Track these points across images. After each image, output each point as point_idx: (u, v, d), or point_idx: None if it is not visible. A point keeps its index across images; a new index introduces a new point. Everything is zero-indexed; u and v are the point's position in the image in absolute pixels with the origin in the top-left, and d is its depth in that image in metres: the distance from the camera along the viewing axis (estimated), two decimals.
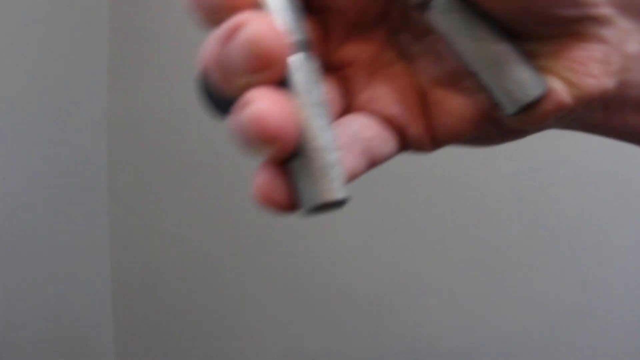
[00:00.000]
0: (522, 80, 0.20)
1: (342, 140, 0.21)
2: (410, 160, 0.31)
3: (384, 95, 0.22)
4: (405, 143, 0.22)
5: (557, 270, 0.73)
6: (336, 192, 0.18)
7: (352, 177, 0.21)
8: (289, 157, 0.19)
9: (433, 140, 0.22)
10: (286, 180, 0.19)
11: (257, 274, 0.93)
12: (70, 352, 0.99)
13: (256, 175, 0.19)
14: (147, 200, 1.01)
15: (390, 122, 0.22)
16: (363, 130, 0.21)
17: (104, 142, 1.04)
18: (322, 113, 0.19)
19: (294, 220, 0.22)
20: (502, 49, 0.20)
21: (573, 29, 0.20)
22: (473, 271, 0.78)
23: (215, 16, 0.18)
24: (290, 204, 0.19)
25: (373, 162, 0.21)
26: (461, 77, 0.21)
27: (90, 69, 1.02)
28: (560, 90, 0.20)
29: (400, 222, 0.82)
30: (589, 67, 0.20)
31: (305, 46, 0.19)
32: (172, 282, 1.01)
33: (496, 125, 0.21)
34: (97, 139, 1.03)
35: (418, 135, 0.22)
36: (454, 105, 0.21)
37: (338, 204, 0.19)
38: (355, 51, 0.22)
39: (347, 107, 0.22)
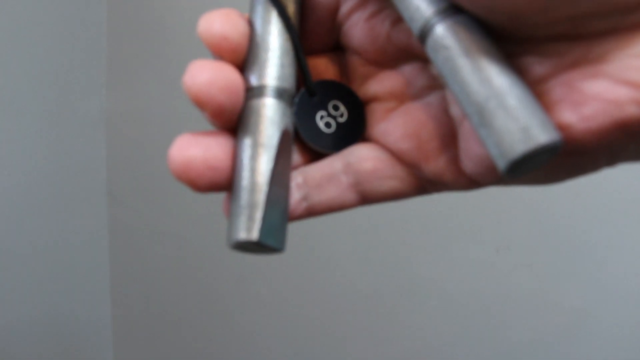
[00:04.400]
0: (510, 131, 0.16)
1: (330, 171, 0.21)
2: None
3: (396, 129, 0.21)
4: (425, 180, 0.20)
5: (560, 271, 0.73)
6: (246, 232, 0.18)
7: (336, 208, 0.21)
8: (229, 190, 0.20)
9: (464, 175, 0.19)
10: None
11: (257, 275, 0.93)
12: (68, 354, 0.99)
13: None
14: (147, 200, 1.01)
15: (400, 158, 0.20)
16: (361, 161, 0.20)
17: (103, 141, 1.03)
18: (267, 154, 0.19)
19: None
20: (498, 89, 0.16)
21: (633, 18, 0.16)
22: (473, 272, 0.78)
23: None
24: None
25: (365, 197, 0.20)
26: None
27: (89, 68, 1.02)
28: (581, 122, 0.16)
29: (399, 221, 0.82)
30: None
31: (276, 93, 0.20)
32: (172, 283, 1.00)
33: None
34: (95, 137, 1.03)
35: (437, 172, 0.20)
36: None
37: (256, 245, 0.19)
38: (379, 86, 0.22)
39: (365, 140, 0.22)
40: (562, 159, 0.18)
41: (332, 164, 0.21)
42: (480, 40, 0.17)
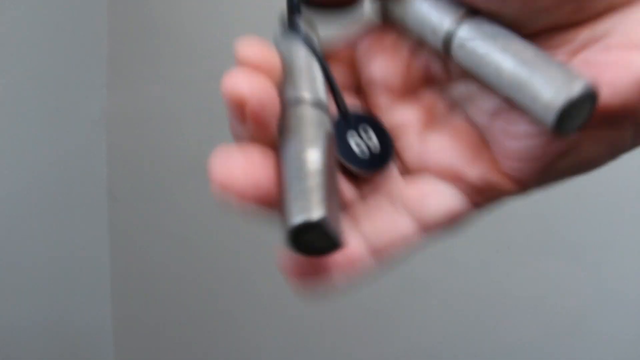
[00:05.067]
0: (550, 84, 0.17)
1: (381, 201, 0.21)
2: None
3: (430, 149, 0.21)
4: (474, 191, 0.21)
5: (560, 271, 0.73)
6: (306, 212, 0.17)
7: (404, 243, 0.21)
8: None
9: (507, 176, 0.20)
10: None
11: (257, 275, 0.93)
12: (69, 355, 0.99)
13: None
14: (147, 200, 1.01)
15: (443, 174, 0.21)
16: (403, 189, 0.21)
17: (103, 141, 1.03)
18: (315, 148, 0.19)
19: None
20: (530, 59, 0.18)
21: None
22: (473, 272, 0.78)
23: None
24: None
25: (426, 224, 0.21)
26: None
27: (89, 68, 1.02)
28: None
29: None
30: None
31: (314, 103, 0.20)
32: (172, 284, 1.00)
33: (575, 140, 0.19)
34: (95, 138, 1.03)
35: (481, 178, 0.21)
36: (514, 131, 0.20)
37: (317, 229, 0.17)
38: (404, 114, 0.22)
39: (401, 171, 0.22)
40: (593, 132, 0.19)
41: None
42: (502, 29, 0.19)
